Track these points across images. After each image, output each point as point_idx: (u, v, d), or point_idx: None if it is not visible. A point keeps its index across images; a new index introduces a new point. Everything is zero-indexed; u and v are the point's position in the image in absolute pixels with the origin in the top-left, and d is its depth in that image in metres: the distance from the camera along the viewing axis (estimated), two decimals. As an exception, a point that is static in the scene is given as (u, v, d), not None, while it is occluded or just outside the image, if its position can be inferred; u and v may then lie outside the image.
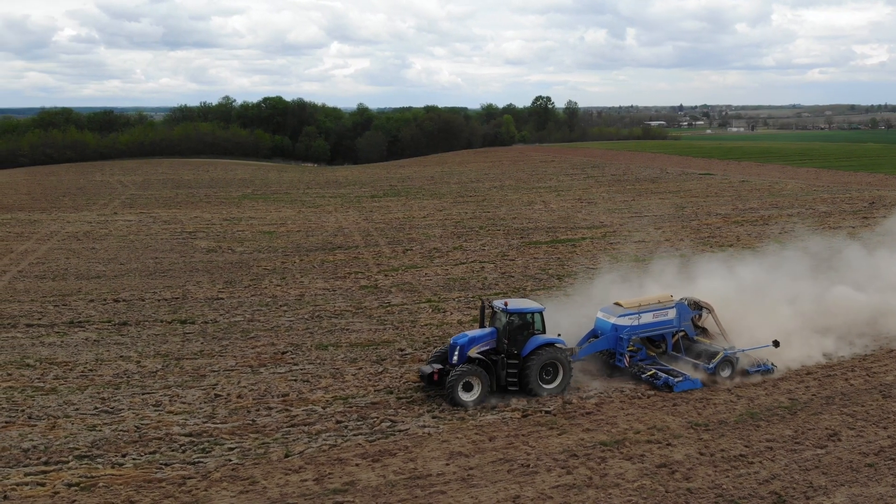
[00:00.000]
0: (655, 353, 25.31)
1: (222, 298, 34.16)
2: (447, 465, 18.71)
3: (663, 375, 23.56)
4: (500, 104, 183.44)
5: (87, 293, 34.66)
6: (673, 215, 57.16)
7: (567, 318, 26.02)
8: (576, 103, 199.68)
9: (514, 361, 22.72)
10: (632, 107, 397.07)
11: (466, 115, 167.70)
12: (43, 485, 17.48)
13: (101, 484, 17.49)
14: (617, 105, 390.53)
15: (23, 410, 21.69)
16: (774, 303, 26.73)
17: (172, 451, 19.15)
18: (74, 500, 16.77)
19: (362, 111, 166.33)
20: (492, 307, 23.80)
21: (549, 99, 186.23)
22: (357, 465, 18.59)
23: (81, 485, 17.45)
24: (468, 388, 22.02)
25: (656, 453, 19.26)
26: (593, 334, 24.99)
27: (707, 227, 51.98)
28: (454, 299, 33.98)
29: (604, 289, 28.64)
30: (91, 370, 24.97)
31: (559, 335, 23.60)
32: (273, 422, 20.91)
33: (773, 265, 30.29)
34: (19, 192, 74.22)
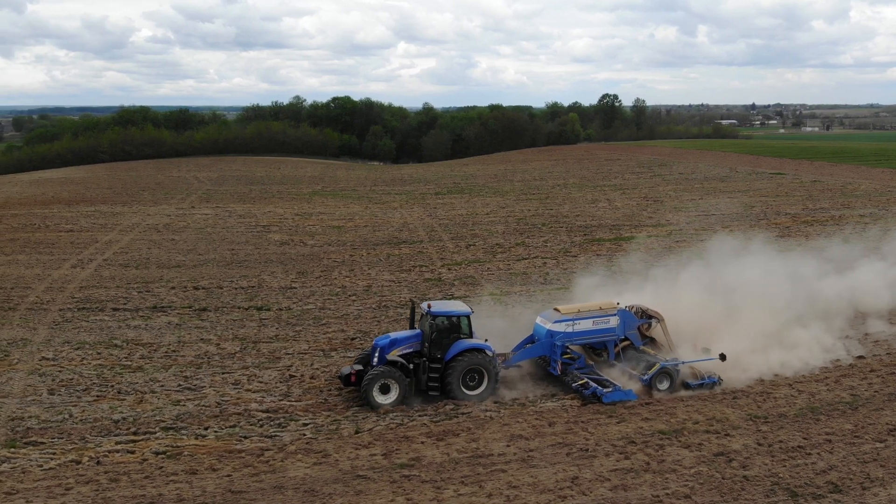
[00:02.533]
0: (593, 363, 24.47)
1: (295, 288, 35.70)
2: (508, 446, 19.51)
3: (593, 385, 22.50)
4: (566, 102, 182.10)
5: (169, 281, 36.69)
6: (741, 214, 56.42)
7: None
8: (643, 101, 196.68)
9: (436, 365, 22.12)
10: (702, 105, 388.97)
11: (531, 114, 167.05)
12: (132, 452, 19.00)
13: (185, 453, 18.91)
14: (687, 103, 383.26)
15: (112, 386, 23.43)
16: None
17: (251, 425, 20.50)
18: (162, 467, 18.21)
19: (427, 110, 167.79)
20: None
21: (615, 97, 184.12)
22: (422, 442, 19.56)
23: (168, 453, 18.91)
24: (385, 390, 21.61)
25: (714, 442, 19.64)
26: (530, 339, 24.37)
27: (776, 226, 51.21)
28: (516, 293, 34.65)
29: (659, 286, 28.50)
30: (174, 351, 26.68)
31: (486, 340, 22.91)
32: (344, 401, 22.10)
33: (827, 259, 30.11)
34: (101, 187, 77.91)
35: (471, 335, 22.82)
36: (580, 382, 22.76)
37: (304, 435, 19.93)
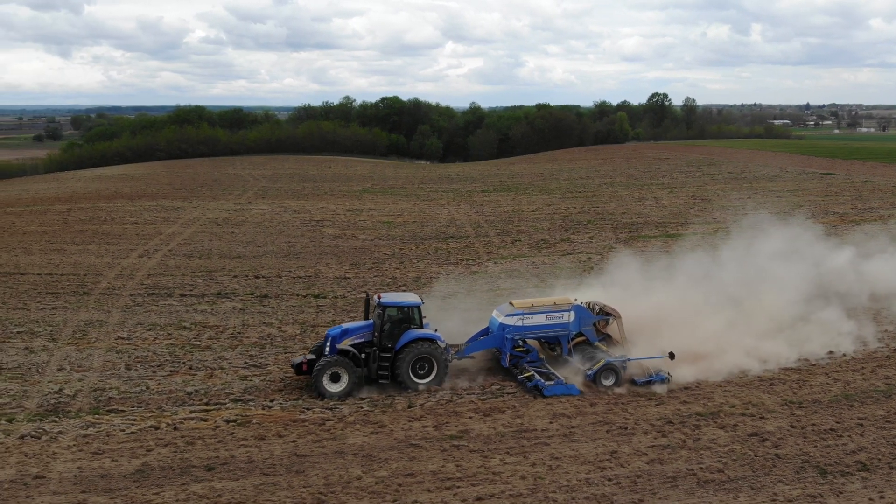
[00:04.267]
0: (544, 357, 24.89)
1: (349, 278, 37.46)
2: (551, 423, 20.77)
3: (537, 378, 22.97)
4: (615, 101, 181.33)
5: (231, 270, 38.78)
6: (788, 214, 56.43)
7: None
8: (694, 100, 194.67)
9: (386, 354, 22.87)
10: (755, 105, 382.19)
11: (579, 113, 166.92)
12: (205, 420, 20.78)
13: (254, 421, 20.64)
14: (739, 103, 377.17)
15: (183, 363, 25.35)
16: None
17: (313, 398, 22.15)
18: (233, 433, 19.94)
19: (474, 110, 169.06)
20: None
21: (665, 96, 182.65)
22: (470, 417, 20.97)
23: (238, 421, 20.65)
24: (336, 378, 22.27)
25: (749, 424, 20.59)
26: (485, 332, 24.88)
27: (822, 225, 51.21)
28: (561, 286, 35.70)
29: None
30: (239, 333, 28.55)
31: (436, 330, 23.63)
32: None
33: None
34: (160, 183, 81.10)
35: (421, 325, 23.51)
36: (526, 375, 23.33)
37: (362, 408, 21.54)
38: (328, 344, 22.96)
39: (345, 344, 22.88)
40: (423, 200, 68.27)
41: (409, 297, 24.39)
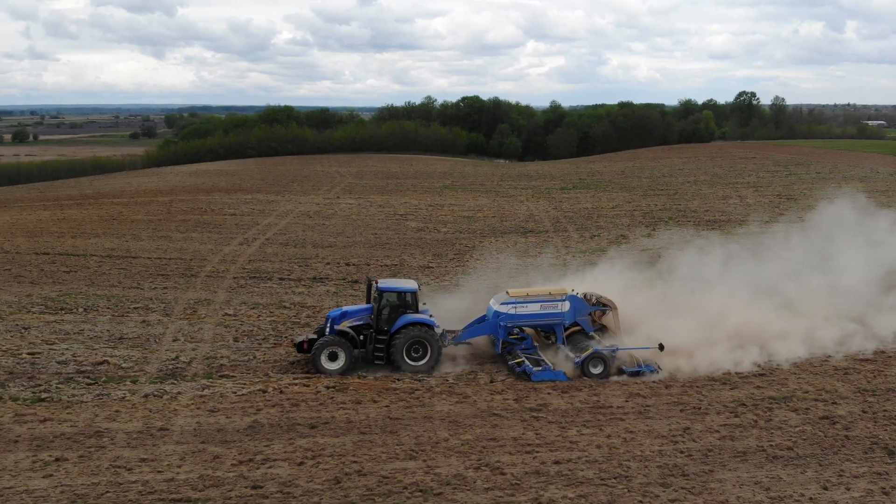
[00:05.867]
0: (538, 344, 25.41)
1: (432, 267, 39.35)
2: (626, 401, 21.95)
3: (526, 363, 23.61)
4: (700, 100, 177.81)
5: (323, 258, 41.29)
6: (873, 212, 55.24)
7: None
8: (783, 99, 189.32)
9: (382, 337, 23.94)
10: (848, 105, 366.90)
11: (663, 111, 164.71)
12: (307, 386, 22.87)
13: (350, 388, 22.64)
14: (832, 102, 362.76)
15: (286, 337, 27.60)
16: None
17: (402, 371, 23.99)
18: (333, 397, 21.96)
19: (554, 108, 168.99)
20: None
21: (753, 94, 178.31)
22: (549, 393, 22.38)
23: (336, 387, 22.67)
24: (333, 357, 23.60)
25: (821, 408, 21.26)
26: (482, 319, 25.54)
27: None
28: (640, 279, 36.55)
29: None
30: (334, 313, 30.70)
31: (431, 316, 24.53)
32: (477, 356, 25.33)
33: None
34: (253, 178, 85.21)
35: (416, 310, 24.47)
36: (517, 360, 24.01)
37: (447, 380, 23.29)
38: (328, 325, 24.40)
39: (343, 325, 24.25)
40: (502, 197, 69.70)
41: (407, 283, 25.66)
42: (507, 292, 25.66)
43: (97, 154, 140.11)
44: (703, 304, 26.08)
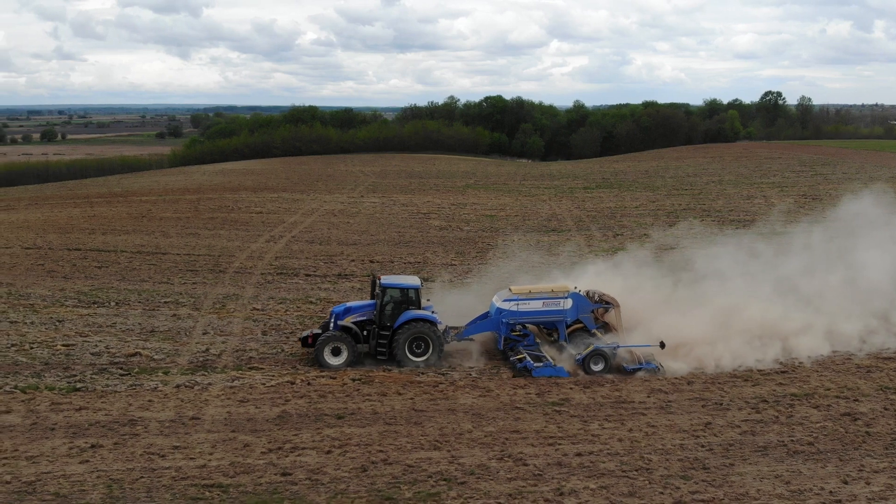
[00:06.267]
0: (540, 341, 25.59)
1: (455, 265, 39.76)
2: (648, 397, 22.20)
3: (527, 359, 23.74)
4: (725, 100, 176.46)
5: (348, 255, 41.89)
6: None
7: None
8: (809, 99, 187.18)
9: (385, 332, 24.21)
10: (876, 105, 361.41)
11: (687, 111, 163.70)
12: (334, 378, 23.35)
13: (376, 381, 23.10)
14: (859, 103, 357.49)
15: (313, 331, 28.07)
16: None
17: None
18: (359, 389, 22.45)
19: (578, 108, 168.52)
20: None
21: (779, 94, 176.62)
22: (571, 388, 22.69)
23: (362, 380, 23.16)
24: (337, 352, 23.96)
25: (842, 405, 21.38)
26: (485, 315, 25.67)
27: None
28: (661, 277, 36.67)
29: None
30: (359, 308, 31.19)
31: (434, 312, 24.75)
32: (502, 352, 25.59)
33: None
34: (279, 177, 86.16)
35: (419, 306, 24.77)
36: (518, 356, 24.19)
37: (471, 374, 23.70)
38: (332, 320, 24.80)
39: (347, 321, 24.62)
40: (524, 196, 69.92)
41: (410, 280, 25.85)
42: (510, 289, 25.80)
43: (124, 153, 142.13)
44: (721, 301, 26.22)
